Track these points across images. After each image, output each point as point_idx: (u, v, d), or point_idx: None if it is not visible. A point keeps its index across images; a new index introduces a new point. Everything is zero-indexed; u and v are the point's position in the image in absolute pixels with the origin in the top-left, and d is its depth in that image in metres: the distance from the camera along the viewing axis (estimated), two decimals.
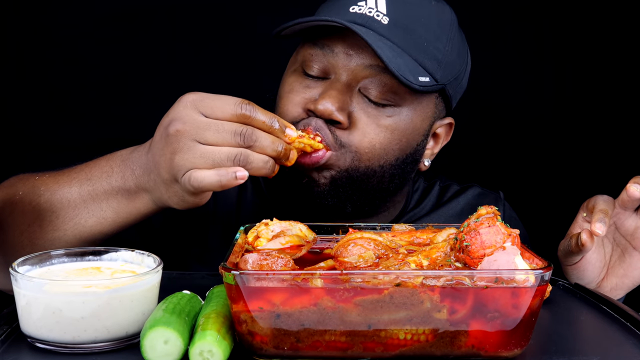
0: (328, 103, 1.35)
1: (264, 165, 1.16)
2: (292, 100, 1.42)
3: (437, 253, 1.01)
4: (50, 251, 1.11)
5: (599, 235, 1.25)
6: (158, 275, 1.05)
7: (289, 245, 1.12)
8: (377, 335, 0.94)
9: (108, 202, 1.26)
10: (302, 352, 0.95)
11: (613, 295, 1.36)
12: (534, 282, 0.93)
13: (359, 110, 1.38)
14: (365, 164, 1.40)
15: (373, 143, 1.39)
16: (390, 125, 1.39)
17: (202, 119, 1.15)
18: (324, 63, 1.40)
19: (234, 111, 1.15)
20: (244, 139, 1.14)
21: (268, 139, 1.16)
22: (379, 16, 1.36)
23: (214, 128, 1.14)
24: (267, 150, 1.16)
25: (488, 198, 1.71)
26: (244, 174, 1.14)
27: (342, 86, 1.37)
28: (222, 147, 1.14)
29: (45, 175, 1.34)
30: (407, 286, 0.92)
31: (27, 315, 1.00)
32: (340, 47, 1.38)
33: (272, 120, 1.17)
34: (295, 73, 1.45)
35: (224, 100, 1.16)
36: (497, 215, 0.99)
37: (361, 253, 1.05)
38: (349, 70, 1.38)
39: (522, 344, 0.97)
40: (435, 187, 1.70)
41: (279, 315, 0.93)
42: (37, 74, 2.28)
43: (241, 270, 0.94)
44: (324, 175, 1.39)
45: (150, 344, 0.93)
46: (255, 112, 1.16)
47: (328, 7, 1.43)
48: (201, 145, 1.14)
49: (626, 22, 2.25)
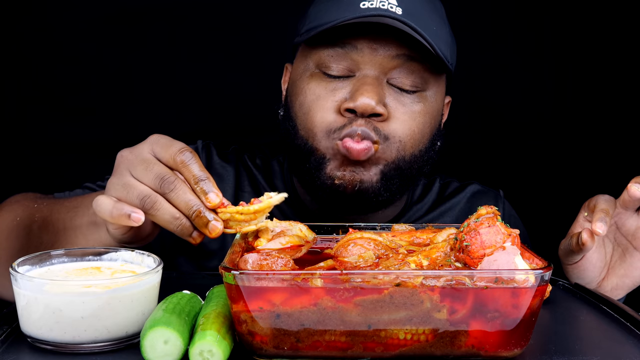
0: (367, 99, 1.36)
1: (171, 218, 1.09)
2: (324, 106, 1.41)
3: (437, 253, 1.01)
4: (50, 251, 1.11)
5: (600, 234, 1.25)
6: (158, 275, 1.05)
7: (289, 245, 1.12)
8: (377, 335, 0.94)
9: (86, 234, 1.29)
10: (302, 352, 0.95)
11: (613, 295, 1.36)
12: (534, 282, 0.93)
13: (393, 101, 1.41)
14: (410, 151, 1.43)
15: (412, 129, 1.42)
16: (422, 110, 1.43)
17: (146, 154, 1.13)
18: (347, 61, 1.41)
19: (172, 154, 1.12)
20: (161, 185, 1.10)
21: (187, 193, 1.10)
22: (392, 8, 1.38)
23: (145, 165, 1.12)
24: (181, 205, 1.10)
25: (488, 195, 1.72)
26: (139, 218, 1.09)
27: (373, 80, 1.39)
28: (140, 185, 1.11)
29: (43, 203, 1.38)
30: (407, 286, 0.92)
31: (27, 315, 1.00)
32: (363, 42, 1.40)
33: (203, 178, 1.10)
34: (315, 78, 1.44)
35: (173, 143, 1.13)
36: (497, 215, 0.99)
37: (361, 253, 1.05)
38: (376, 63, 1.40)
39: (522, 344, 0.97)
40: (435, 184, 1.72)
41: (279, 315, 0.93)
42: (37, 74, 2.28)
43: (241, 270, 0.94)
44: (373, 172, 1.41)
45: (150, 344, 0.93)
46: (192, 164, 1.11)
47: (334, 5, 1.42)
48: (129, 177, 1.13)
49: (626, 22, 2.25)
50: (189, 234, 1.10)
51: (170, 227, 1.10)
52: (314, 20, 1.43)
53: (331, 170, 1.41)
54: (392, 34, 1.38)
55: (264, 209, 1.09)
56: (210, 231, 1.08)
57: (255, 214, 1.09)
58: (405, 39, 1.39)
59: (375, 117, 1.38)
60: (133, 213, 1.09)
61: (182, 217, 1.09)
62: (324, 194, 1.44)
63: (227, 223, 1.09)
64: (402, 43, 1.39)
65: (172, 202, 1.10)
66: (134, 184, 1.11)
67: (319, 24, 1.40)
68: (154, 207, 1.10)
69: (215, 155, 1.66)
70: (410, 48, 1.40)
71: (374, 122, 1.38)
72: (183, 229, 1.09)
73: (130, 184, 1.12)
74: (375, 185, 1.42)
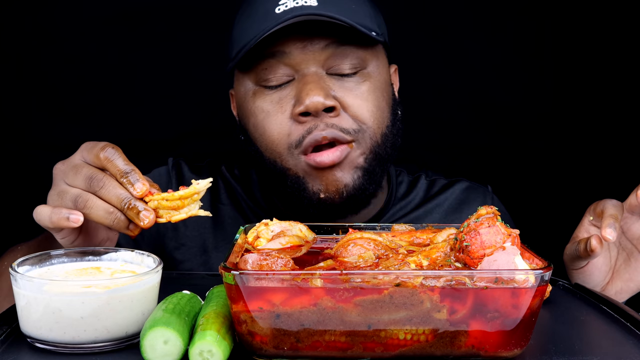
0: (314, 96, 1.37)
1: (105, 214, 1.12)
2: (276, 120, 1.42)
3: (437, 253, 1.01)
4: (50, 251, 1.11)
5: (610, 240, 1.25)
6: (158, 275, 1.05)
7: (289, 245, 1.12)
8: (377, 335, 0.94)
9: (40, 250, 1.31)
10: (302, 352, 0.95)
11: (617, 298, 1.36)
12: (534, 282, 0.92)
13: (339, 89, 1.41)
14: (379, 132, 1.44)
15: (370, 110, 1.43)
16: (370, 87, 1.44)
17: (76, 161, 1.17)
18: (282, 69, 1.42)
19: (97, 153, 1.15)
20: (90, 183, 1.13)
21: (116, 188, 1.13)
22: (307, 2, 1.38)
23: (75, 170, 1.16)
24: (112, 200, 1.12)
25: (477, 191, 1.71)
26: (77, 218, 1.12)
27: (313, 76, 1.40)
28: (73, 189, 1.15)
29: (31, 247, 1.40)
30: (407, 286, 0.92)
31: (26, 316, 0.99)
32: (290, 45, 1.41)
33: (127, 171, 1.13)
34: (259, 94, 1.44)
35: (98, 144, 1.16)
36: (497, 216, 0.99)
37: (361, 253, 1.05)
38: (310, 59, 1.41)
39: (522, 344, 0.97)
40: (421, 181, 1.71)
41: (279, 315, 0.93)
42: (37, 74, 2.28)
43: (241, 270, 0.94)
44: (353, 172, 1.41)
45: (150, 344, 0.93)
46: (115, 159, 1.14)
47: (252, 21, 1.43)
48: (63, 185, 1.17)
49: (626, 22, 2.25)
50: (125, 226, 1.13)
51: (107, 222, 1.13)
52: (240, 42, 1.43)
53: (312, 186, 1.42)
54: (315, 27, 1.40)
55: (189, 195, 1.12)
56: (141, 220, 1.11)
57: (182, 200, 1.12)
58: (328, 27, 1.40)
59: (329, 113, 1.39)
60: (71, 215, 1.13)
61: (115, 211, 1.13)
62: (315, 210, 1.44)
63: (158, 212, 1.12)
64: (327, 32, 1.40)
65: (103, 198, 1.13)
66: (67, 190, 1.16)
67: (244, 44, 1.41)
68: (87, 206, 1.13)
69: (187, 171, 1.67)
70: (336, 34, 1.41)
71: (335, 122, 1.38)
72: (119, 222, 1.13)
73: (64, 190, 1.16)
74: (360, 183, 1.42)
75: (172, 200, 1.12)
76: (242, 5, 1.50)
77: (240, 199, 1.63)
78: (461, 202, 1.67)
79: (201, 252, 1.59)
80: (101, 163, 1.15)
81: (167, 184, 1.64)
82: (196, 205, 1.14)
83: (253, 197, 1.63)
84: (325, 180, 1.40)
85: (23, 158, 2.30)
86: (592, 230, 1.35)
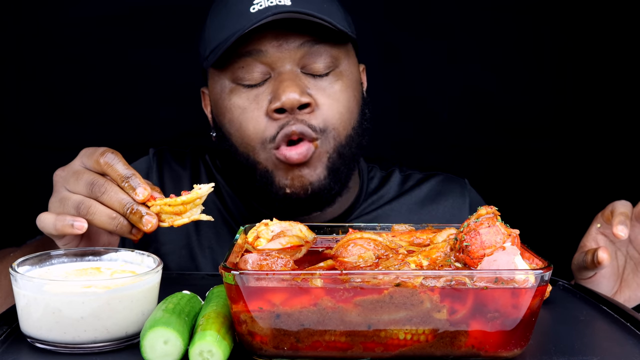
0: (290, 93, 1.38)
1: (108, 219, 1.13)
2: (252, 116, 1.43)
3: (437, 253, 1.01)
4: (50, 251, 1.11)
5: (622, 237, 1.25)
6: (158, 275, 1.05)
7: (289, 245, 1.12)
8: (377, 335, 0.94)
9: None
10: (302, 352, 0.94)
11: None
12: (533, 282, 0.92)
13: (313, 88, 1.43)
14: (344, 134, 1.45)
15: (340, 111, 1.44)
16: (342, 87, 1.46)
17: (76, 167, 1.18)
18: (258, 67, 1.43)
19: (96, 159, 1.15)
20: (92, 189, 1.14)
21: (118, 193, 1.13)
22: (281, 1, 1.40)
23: (76, 176, 1.16)
24: (115, 205, 1.13)
25: (454, 183, 1.71)
26: (82, 225, 1.13)
27: (289, 74, 1.42)
28: (74, 195, 1.15)
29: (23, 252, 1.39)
30: (407, 286, 0.92)
31: (27, 316, 0.99)
32: (266, 43, 1.42)
33: (128, 175, 1.14)
34: (235, 92, 1.45)
35: (97, 150, 1.17)
36: (497, 216, 0.99)
37: (361, 253, 1.05)
38: (285, 58, 1.42)
39: (522, 344, 0.96)
40: (394, 175, 1.71)
41: (279, 315, 0.93)
42: (37, 74, 2.28)
43: (241, 270, 0.94)
44: (319, 171, 1.43)
45: (150, 344, 0.93)
46: (115, 164, 1.14)
47: (227, 20, 1.44)
48: (65, 192, 1.17)
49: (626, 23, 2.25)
50: (128, 231, 1.14)
51: (110, 228, 1.13)
52: (214, 40, 1.44)
53: (279, 181, 1.44)
54: (290, 26, 1.41)
55: (191, 200, 1.13)
56: (144, 225, 1.11)
57: (184, 205, 1.12)
58: (303, 26, 1.41)
59: (304, 109, 1.40)
60: (75, 222, 1.13)
61: (118, 216, 1.13)
62: (281, 205, 1.47)
63: (160, 217, 1.13)
64: (302, 31, 1.42)
65: (106, 203, 1.13)
66: (69, 196, 1.16)
67: (219, 42, 1.42)
68: (89, 212, 1.13)
69: (170, 158, 1.68)
70: (310, 32, 1.42)
71: (306, 119, 1.40)
72: (122, 227, 1.13)
73: (66, 197, 1.16)
74: (325, 182, 1.44)
75: (175, 205, 1.12)
76: (215, 4, 1.52)
77: (221, 187, 1.65)
78: (438, 193, 1.68)
79: (184, 236, 1.61)
80: (101, 168, 1.15)
81: (147, 174, 1.65)
82: (198, 209, 1.14)
83: (232, 187, 1.65)
84: (292, 175, 1.43)
85: (23, 158, 2.30)
86: (600, 239, 1.35)
